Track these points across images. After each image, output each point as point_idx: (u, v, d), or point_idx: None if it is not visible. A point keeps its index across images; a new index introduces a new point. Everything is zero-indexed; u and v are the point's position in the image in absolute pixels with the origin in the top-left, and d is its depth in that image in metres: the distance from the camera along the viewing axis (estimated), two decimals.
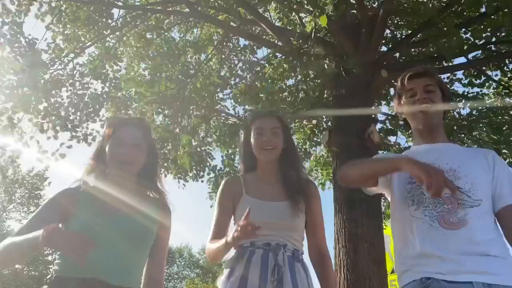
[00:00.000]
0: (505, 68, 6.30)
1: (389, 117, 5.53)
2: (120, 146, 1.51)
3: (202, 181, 7.91)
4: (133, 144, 1.52)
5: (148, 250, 1.51)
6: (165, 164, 7.20)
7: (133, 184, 1.58)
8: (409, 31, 5.73)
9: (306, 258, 1.69)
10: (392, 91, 5.61)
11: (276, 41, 5.92)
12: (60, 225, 1.39)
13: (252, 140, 1.76)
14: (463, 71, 6.12)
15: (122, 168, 1.52)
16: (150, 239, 1.50)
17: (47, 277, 1.35)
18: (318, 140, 7.71)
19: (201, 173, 7.81)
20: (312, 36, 4.58)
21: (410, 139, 5.65)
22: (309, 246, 1.70)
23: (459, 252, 1.28)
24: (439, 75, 1.60)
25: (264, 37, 6.72)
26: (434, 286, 1.26)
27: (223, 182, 1.80)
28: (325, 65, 4.54)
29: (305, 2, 5.43)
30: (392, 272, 5.22)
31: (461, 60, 5.49)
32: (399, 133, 5.38)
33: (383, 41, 5.61)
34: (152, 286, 1.52)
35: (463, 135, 5.32)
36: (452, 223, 1.33)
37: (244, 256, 1.57)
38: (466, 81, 6.34)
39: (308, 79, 5.30)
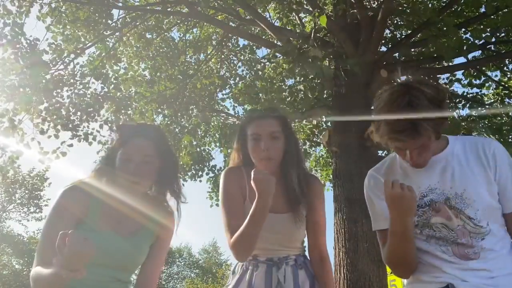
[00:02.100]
0: (505, 68, 6.31)
1: None
2: (129, 162, 1.45)
3: (201, 181, 7.94)
4: (142, 162, 1.46)
5: (139, 265, 1.51)
6: None
7: (144, 192, 1.55)
8: (409, 31, 5.74)
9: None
10: None
11: (275, 41, 5.92)
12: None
13: (248, 145, 1.59)
14: (462, 71, 6.13)
15: (128, 186, 1.47)
16: (144, 256, 1.50)
17: None
18: (318, 140, 7.72)
19: (200, 173, 7.82)
20: (312, 36, 4.58)
21: None
22: (309, 247, 1.66)
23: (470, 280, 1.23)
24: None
25: (264, 37, 6.73)
26: None
27: (226, 173, 1.61)
28: (323, 66, 4.54)
29: (305, 2, 5.44)
30: (392, 272, 5.23)
31: (460, 60, 5.50)
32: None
33: (383, 41, 5.61)
34: None
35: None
36: (465, 253, 1.26)
37: (247, 270, 1.54)
38: (465, 82, 6.35)
39: (307, 79, 5.31)
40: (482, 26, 5.25)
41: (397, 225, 1.24)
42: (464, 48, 4.71)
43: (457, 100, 6.50)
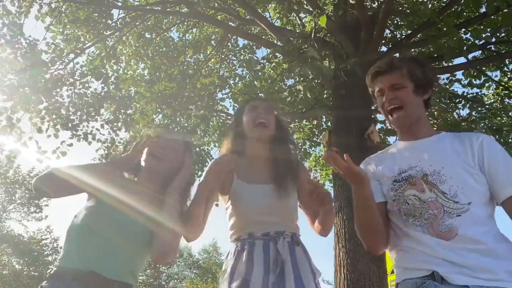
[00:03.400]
0: (505, 68, 6.31)
1: None
2: (157, 144, 1.59)
3: (200, 181, 7.93)
4: (169, 146, 1.59)
5: (149, 252, 1.52)
6: None
7: (156, 189, 1.59)
8: (409, 31, 5.73)
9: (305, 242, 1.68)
10: None
11: (275, 41, 5.92)
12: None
13: (244, 118, 1.69)
14: (463, 71, 6.12)
15: (150, 164, 1.57)
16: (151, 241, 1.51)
17: (47, 272, 1.42)
18: (318, 140, 7.72)
19: (200, 173, 7.82)
20: (312, 36, 4.58)
21: None
22: (310, 218, 1.67)
23: (452, 259, 1.25)
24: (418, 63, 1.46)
25: (264, 37, 6.73)
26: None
27: (214, 161, 1.66)
28: (322, 66, 4.54)
29: (305, 2, 5.44)
30: (392, 272, 5.23)
31: (461, 60, 5.50)
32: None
33: (383, 41, 5.61)
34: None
35: None
36: (441, 232, 1.28)
37: (244, 250, 1.54)
38: (465, 82, 6.35)
39: (307, 79, 5.31)
40: (482, 26, 5.24)
41: (355, 193, 1.37)
42: (464, 48, 4.70)
43: (457, 100, 6.50)
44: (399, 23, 6.15)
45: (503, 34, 5.32)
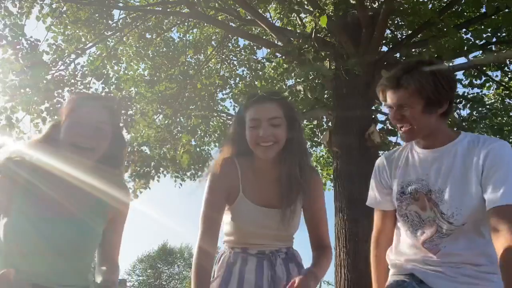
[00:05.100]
0: (506, 68, 6.31)
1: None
2: (79, 126, 1.27)
3: (200, 181, 7.94)
4: (95, 127, 1.28)
5: (95, 248, 1.36)
6: (163, 163, 7.23)
7: (88, 166, 1.34)
8: (410, 31, 5.73)
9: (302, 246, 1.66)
10: None
11: (276, 41, 5.93)
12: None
13: (246, 133, 1.46)
14: (463, 71, 6.12)
15: (78, 153, 1.27)
16: (96, 239, 1.34)
17: None
18: (319, 140, 7.72)
19: (200, 173, 7.84)
20: (313, 36, 4.58)
21: None
22: (311, 239, 1.58)
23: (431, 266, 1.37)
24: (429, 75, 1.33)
25: (264, 37, 6.73)
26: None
27: (221, 164, 1.49)
28: (322, 66, 4.55)
29: (305, 2, 5.44)
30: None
31: (461, 60, 5.50)
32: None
33: (384, 41, 5.61)
34: (106, 264, 1.35)
35: None
36: (426, 248, 1.39)
37: (236, 264, 1.49)
38: (466, 82, 6.34)
39: (308, 79, 5.31)
40: (482, 26, 5.24)
41: None
42: (465, 48, 4.70)
43: (458, 100, 6.49)
44: (400, 23, 6.15)
45: (503, 34, 5.32)
